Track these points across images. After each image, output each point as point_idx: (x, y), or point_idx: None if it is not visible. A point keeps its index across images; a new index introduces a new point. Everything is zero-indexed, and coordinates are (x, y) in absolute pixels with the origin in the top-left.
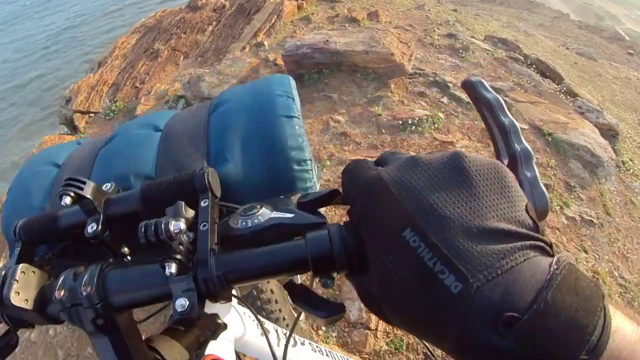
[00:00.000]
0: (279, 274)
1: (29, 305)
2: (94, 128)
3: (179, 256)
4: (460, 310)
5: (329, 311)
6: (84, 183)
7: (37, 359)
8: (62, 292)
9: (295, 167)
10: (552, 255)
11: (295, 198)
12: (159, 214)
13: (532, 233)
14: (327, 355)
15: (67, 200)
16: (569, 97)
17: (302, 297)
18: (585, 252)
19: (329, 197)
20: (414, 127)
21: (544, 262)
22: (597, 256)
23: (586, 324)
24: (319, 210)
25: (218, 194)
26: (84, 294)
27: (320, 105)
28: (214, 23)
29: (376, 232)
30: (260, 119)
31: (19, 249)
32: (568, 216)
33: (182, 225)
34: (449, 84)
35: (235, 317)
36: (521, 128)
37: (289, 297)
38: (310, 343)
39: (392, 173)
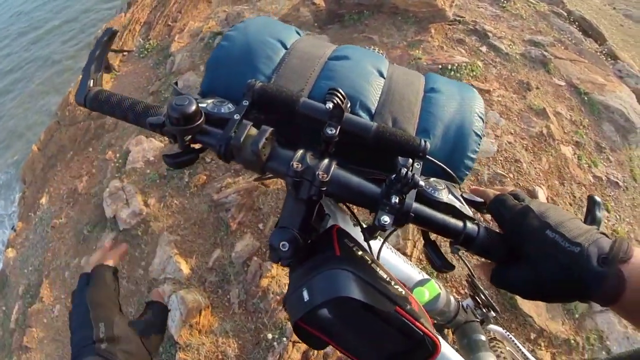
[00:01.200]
0: (438, 233)
1: (264, 159)
2: (129, 66)
3: (399, 193)
4: (581, 258)
5: (443, 264)
6: (345, 98)
7: None
8: (300, 166)
9: (463, 169)
10: (610, 238)
11: (459, 189)
12: (381, 151)
13: (597, 229)
14: (404, 260)
15: (330, 105)
16: (609, 59)
17: (432, 247)
18: (608, 211)
19: (478, 205)
20: (452, 72)
21: (608, 239)
22: (618, 217)
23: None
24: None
25: None
26: (320, 178)
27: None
28: None
29: (529, 235)
30: (460, 125)
31: (246, 105)
32: (595, 175)
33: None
34: (488, 33)
35: (341, 215)
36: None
37: (422, 238)
38: (395, 251)
39: (535, 206)
